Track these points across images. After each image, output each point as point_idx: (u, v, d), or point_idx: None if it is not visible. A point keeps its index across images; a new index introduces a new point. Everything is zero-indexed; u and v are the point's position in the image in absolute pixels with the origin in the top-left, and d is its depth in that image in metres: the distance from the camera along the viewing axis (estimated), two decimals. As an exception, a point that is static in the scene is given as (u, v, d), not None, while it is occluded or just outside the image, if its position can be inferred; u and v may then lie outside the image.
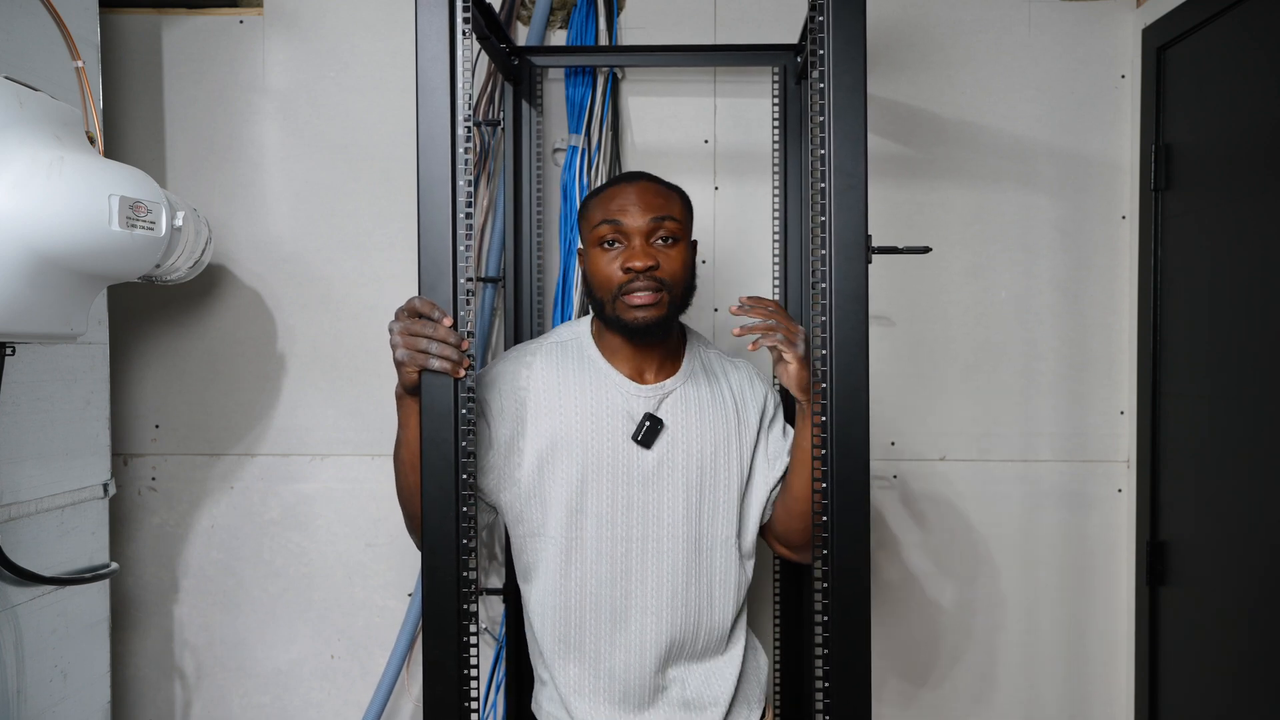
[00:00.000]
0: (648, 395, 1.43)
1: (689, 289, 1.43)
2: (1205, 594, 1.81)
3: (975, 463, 2.07)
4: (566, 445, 1.40)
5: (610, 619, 1.39)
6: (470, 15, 1.25)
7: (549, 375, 1.44)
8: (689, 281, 1.43)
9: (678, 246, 1.40)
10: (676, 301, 1.40)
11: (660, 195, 1.41)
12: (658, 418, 1.41)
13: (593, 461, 1.39)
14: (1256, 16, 1.65)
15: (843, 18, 1.19)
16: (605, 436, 1.40)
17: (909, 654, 2.08)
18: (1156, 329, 1.96)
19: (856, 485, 1.21)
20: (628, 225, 1.38)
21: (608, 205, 1.41)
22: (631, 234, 1.38)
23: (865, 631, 1.21)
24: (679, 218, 1.41)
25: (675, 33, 2.05)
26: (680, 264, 1.40)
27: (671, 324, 1.42)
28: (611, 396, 1.42)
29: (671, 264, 1.39)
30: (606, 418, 1.41)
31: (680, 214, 1.42)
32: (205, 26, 2.07)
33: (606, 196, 1.42)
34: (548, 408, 1.42)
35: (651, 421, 1.40)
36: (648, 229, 1.38)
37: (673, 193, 1.44)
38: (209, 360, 2.08)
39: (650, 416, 1.41)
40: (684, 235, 1.42)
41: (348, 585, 2.09)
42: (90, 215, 1.36)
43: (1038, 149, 2.05)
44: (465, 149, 1.24)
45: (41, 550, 1.65)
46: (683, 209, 1.44)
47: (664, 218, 1.39)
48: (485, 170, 2.03)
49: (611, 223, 1.38)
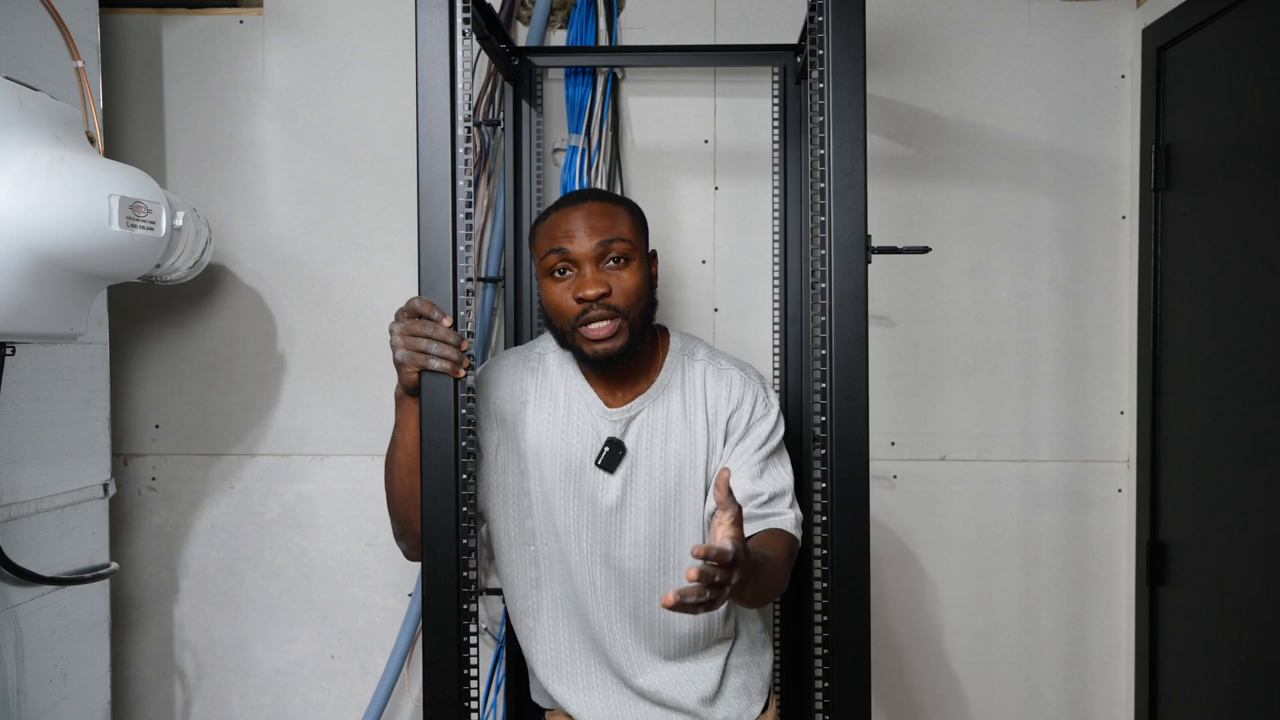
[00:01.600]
0: (614, 419, 1.42)
1: (649, 306, 1.39)
2: (1205, 594, 1.81)
3: (975, 463, 2.07)
4: (536, 460, 1.41)
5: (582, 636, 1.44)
6: (470, 15, 1.25)
7: (530, 386, 1.45)
8: (648, 299, 1.39)
9: (630, 266, 1.36)
10: (636, 325, 1.37)
11: (606, 215, 1.36)
12: (620, 442, 1.40)
13: (561, 479, 1.40)
14: (1256, 16, 1.65)
15: (842, 17, 1.19)
16: (575, 455, 1.41)
17: (908, 653, 2.08)
18: (1156, 329, 1.96)
19: (856, 485, 1.21)
20: (575, 252, 1.34)
21: (553, 232, 1.36)
22: (580, 260, 1.34)
23: (865, 631, 1.21)
24: (628, 237, 1.36)
25: (675, 33, 2.05)
26: (635, 284, 1.35)
27: (636, 347, 1.38)
28: (584, 416, 1.42)
29: (625, 286, 1.34)
30: (577, 437, 1.41)
31: (630, 231, 1.37)
32: (205, 26, 2.07)
33: (551, 224, 1.38)
34: (530, 420, 1.43)
35: (612, 446, 1.40)
36: (596, 253, 1.34)
37: (620, 209, 1.39)
38: (209, 360, 2.08)
39: (612, 441, 1.40)
40: (637, 253, 1.37)
41: (348, 585, 2.09)
42: (90, 215, 1.36)
43: (1038, 149, 2.05)
44: (465, 149, 1.24)
45: (41, 550, 1.65)
46: (632, 225, 1.39)
47: (611, 240, 1.34)
48: (485, 170, 2.03)
49: (558, 251, 1.34)
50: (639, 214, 1.43)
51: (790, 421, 1.87)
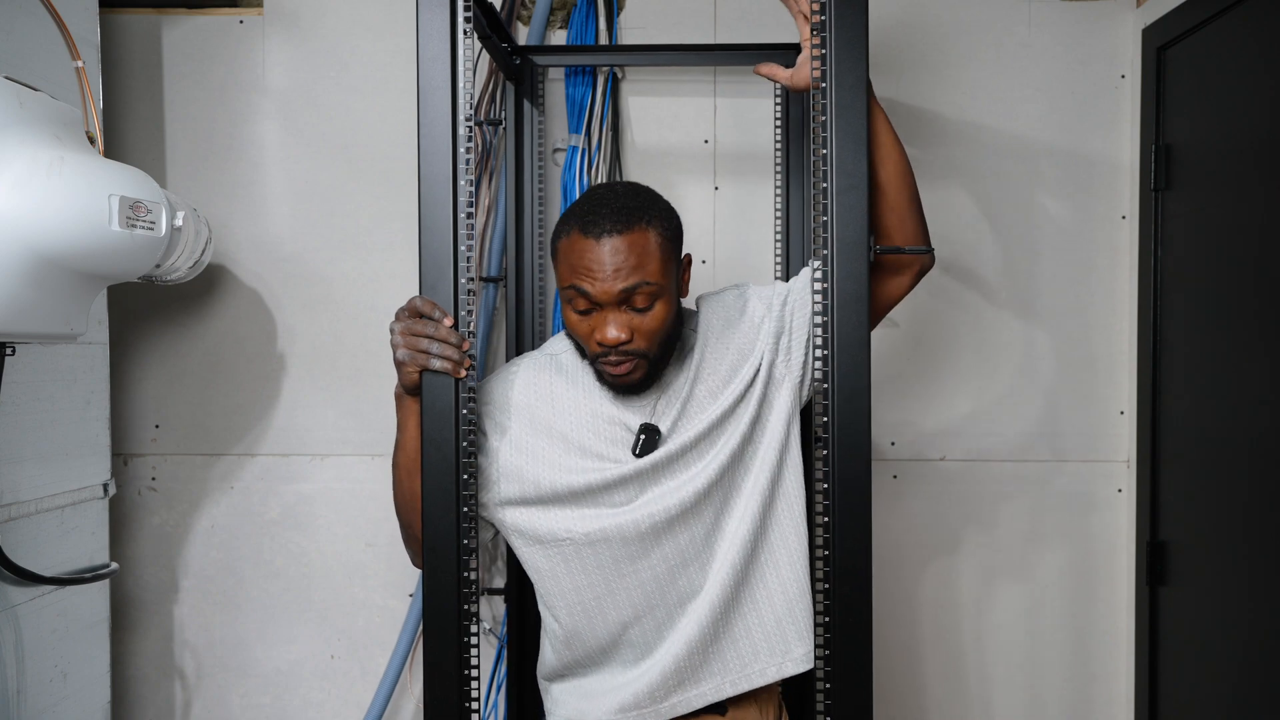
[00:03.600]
0: (643, 404, 1.35)
1: (673, 334, 1.32)
2: (1205, 594, 1.81)
3: (975, 463, 2.07)
4: (565, 456, 1.34)
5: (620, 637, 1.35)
6: (471, 15, 1.25)
7: (541, 384, 1.39)
8: (673, 329, 1.31)
9: (656, 305, 1.27)
10: (657, 356, 1.30)
11: (633, 252, 1.24)
12: (654, 426, 1.33)
13: (594, 472, 1.32)
14: (1256, 16, 1.65)
15: (844, 17, 1.19)
16: (604, 448, 1.34)
17: (909, 653, 2.08)
18: (1156, 329, 1.96)
19: (857, 485, 1.21)
20: (596, 294, 1.25)
21: (574, 264, 1.26)
22: (600, 301, 1.25)
23: (866, 631, 1.21)
24: (654, 278, 1.25)
25: (675, 32, 2.05)
26: (659, 324, 1.27)
27: (658, 373, 1.33)
28: (606, 407, 1.35)
29: (648, 329, 1.27)
30: (605, 427, 1.35)
31: (658, 268, 1.25)
32: (205, 26, 2.06)
33: (573, 253, 1.26)
34: (544, 418, 1.36)
35: (647, 434, 1.33)
36: (618, 297, 1.25)
37: (647, 237, 1.25)
38: (209, 360, 2.08)
39: (647, 427, 1.33)
40: (665, 288, 1.27)
41: (348, 585, 2.09)
42: (90, 215, 1.36)
43: (1038, 149, 2.05)
44: (466, 149, 1.24)
45: (41, 550, 1.65)
46: (661, 258, 1.26)
47: (636, 286, 1.24)
48: (486, 170, 2.03)
49: (578, 290, 1.26)
50: (670, 229, 1.30)
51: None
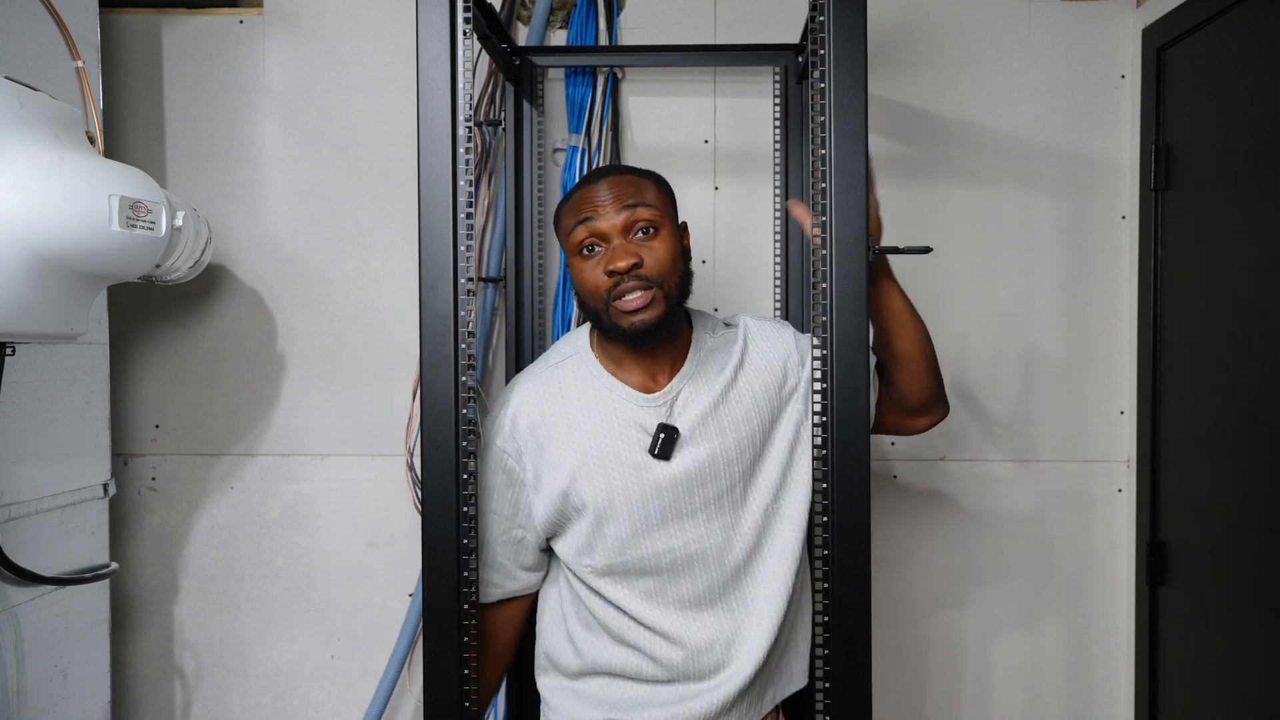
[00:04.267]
0: (657, 404, 1.34)
1: (685, 277, 1.34)
2: (1205, 594, 1.81)
3: (975, 462, 2.07)
4: (586, 472, 1.33)
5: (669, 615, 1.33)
6: (471, 15, 1.25)
7: (549, 406, 1.36)
8: (683, 269, 1.34)
9: (660, 235, 1.31)
10: (673, 295, 1.31)
11: (630, 184, 1.32)
12: (672, 426, 1.32)
13: (619, 482, 1.32)
14: (1256, 16, 1.65)
15: (844, 17, 1.19)
16: (625, 454, 1.32)
17: (908, 653, 2.08)
18: (1156, 329, 1.96)
19: (857, 485, 1.21)
20: (601, 225, 1.30)
21: (578, 208, 1.32)
22: (608, 234, 1.30)
23: (866, 631, 1.21)
24: (654, 203, 1.31)
25: (675, 33, 2.05)
26: (667, 253, 1.30)
27: (675, 320, 1.33)
28: (621, 410, 1.34)
29: (657, 256, 1.30)
30: (622, 435, 1.33)
31: (656, 199, 1.32)
32: (205, 26, 2.06)
33: (576, 201, 1.33)
34: (559, 439, 1.34)
35: (666, 433, 1.32)
36: (624, 224, 1.29)
37: (644, 179, 1.35)
38: (209, 360, 2.08)
39: (664, 427, 1.32)
40: (666, 221, 1.32)
41: (348, 585, 2.09)
42: (90, 215, 1.36)
43: (1038, 149, 2.05)
44: (465, 149, 1.24)
45: (41, 550, 1.65)
46: (658, 193, 1.34)
47: (637, 205, 1.30)
48: (486, 170, 2.03)
49: (585, 222, 1.30)
50: (665, 185, 1.38)
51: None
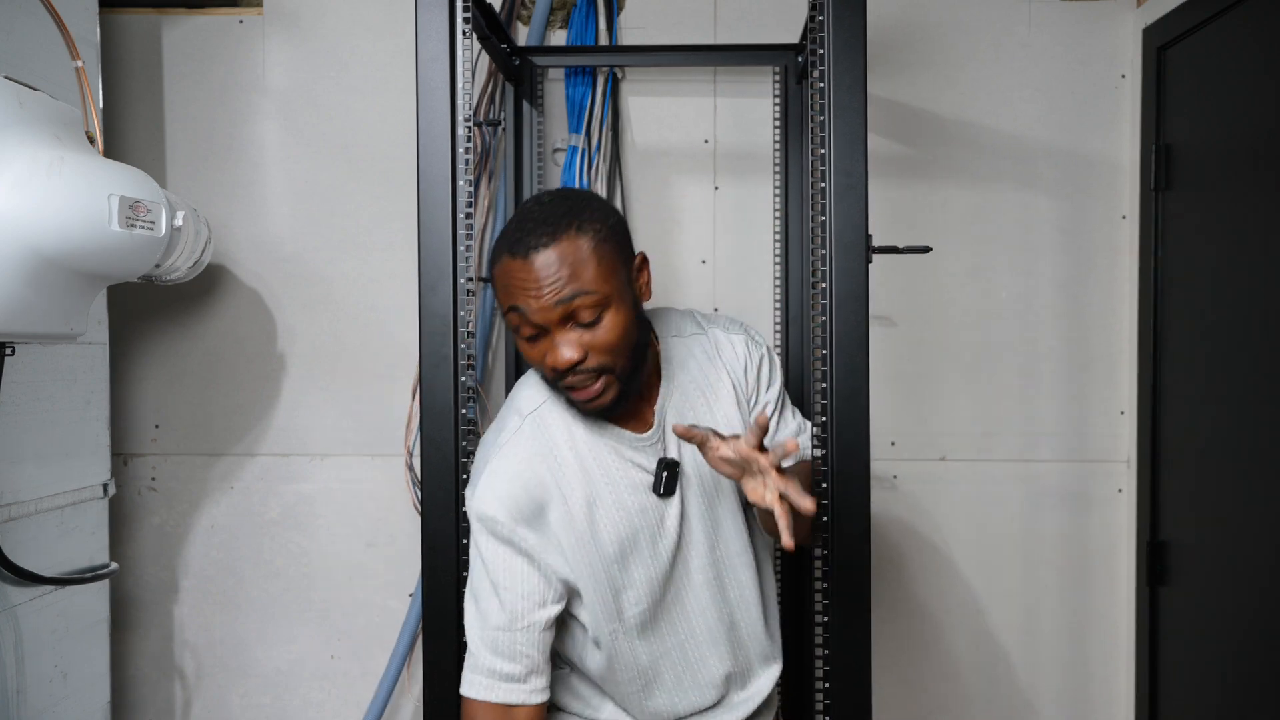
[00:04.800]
0: (652, 441, 1.24)
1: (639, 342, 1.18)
2: (1205, 594, 1.81)
3: (975, 463, 2.07)
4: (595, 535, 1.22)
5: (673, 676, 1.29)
6: (470, 15, 1.25)
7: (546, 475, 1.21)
8: (635, 336, 1.17)
9: (606, 314, 1.13)
10: (627, 369, 1.17)
11: (564, 263, 1.10)
12: (673, 461, 1.24)
13: (628, 533, 1.22)
14: (1256, 16, 1.65)
15: (843, 17, 1.19)
16: (629, 501, 1.22)
17: (909, 653, 2.08)
18: (1156, 329, 1.96)
19: (857, 485, 1.21)
20: (535, 318, 1.12)
21: (508, 290, 1.14)
22: (544, 325, 1.12)
23: (866, 631, 1.21)
24: (593, 286, 1.11)
25: (675, 33, 2.05)
26: (615, 336, 1.13)
27: (633, 387, 1.19)
28: (618, 458, 1.23)
29: (603, 342, 1.13)
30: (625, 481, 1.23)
31: (595, 275, 1.11)
32: (205, 26, 2.06)
33: (504, 279, 1.14)
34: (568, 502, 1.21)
35: (669, 469, 1.23)
36: (560, 316, 1.11)
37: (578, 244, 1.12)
38: (209, 360, 2.08)
39: (665, 463, 1.23)
40: (611, 295, 1.13)
41: (348, 585, 2.09)
42: (90, 215, 1.36)
43: (1038, 149, 2.05)
44: (465, 149, 1.24)
45: (41, 550, 1.65)
46: (599, 263, 1.12)
47: (574, 296, 1.10)
48: (486, 170, 2.03)
49: (515, 310, 1.13)
50: (607, 230, 1.15)
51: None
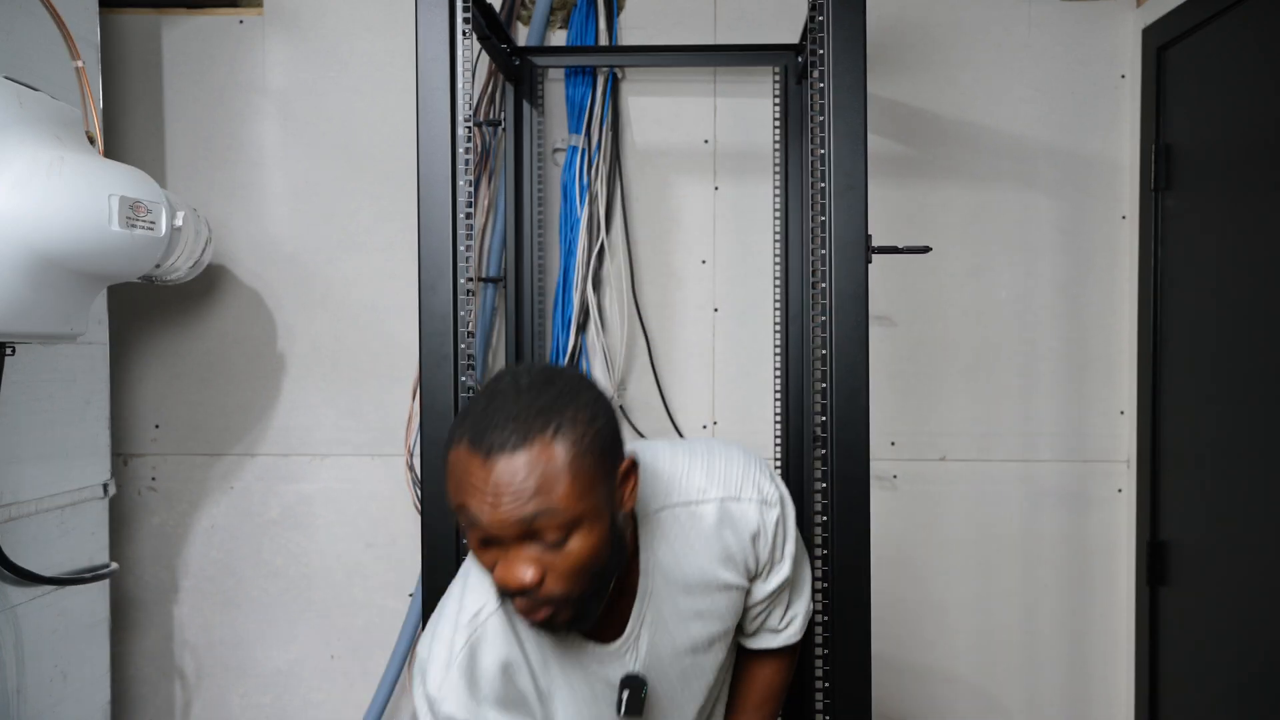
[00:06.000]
0: (620, 651, 1.09)
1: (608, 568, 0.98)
2: (1205, 594, 1.81)
3: (975, 463, 2.07)
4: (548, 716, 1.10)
5: None
6: (470, 15, 1.25)
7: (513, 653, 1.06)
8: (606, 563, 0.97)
9: (575, 535, 0.93)
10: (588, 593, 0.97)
11: (534, 476, 0.90)
12: (637, 677, 1.10)
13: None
14: (1256, 16, 1.65)
15: (843, 18, 1.19)
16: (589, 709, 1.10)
17: (909, 653, 2.08)
18: (1156, 329, 1.96)
19: (857, 485, 1.21)
20: (489, 527, 0.92)
21: (461, 483, 0.93)
22: (500, 539, 0.93)
23: (866, 631, 1.21)
24: (562, 506, 0.91)
25: (675, 33, 2.05)
26: (584, 558, 0.94)
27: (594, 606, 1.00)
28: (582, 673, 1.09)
29: (565, 566, 0.94)
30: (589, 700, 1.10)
31: (566, 495, 0.91)
32: (205, 26, 2.06)
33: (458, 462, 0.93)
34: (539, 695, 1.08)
35: (632, 688, 1.09)
36: (517, 530, 0.92)
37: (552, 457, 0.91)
38: (209, 360, 2.08)
39: (628, 681, 1.10)
40: (584, 516, 0.93)
41: (348, 585, 2.09)
42: (90, 215, 1.36)
43: (1038, 149, 2.05)
44: (465, 149, 1.24)
45: (41, 550, 1.65)
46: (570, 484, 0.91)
47: (537, 515, 0.91)
48: (486, 170, 2.03)
49: (469, 517, 0.93)
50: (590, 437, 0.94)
51: (791, 422, 1.87)
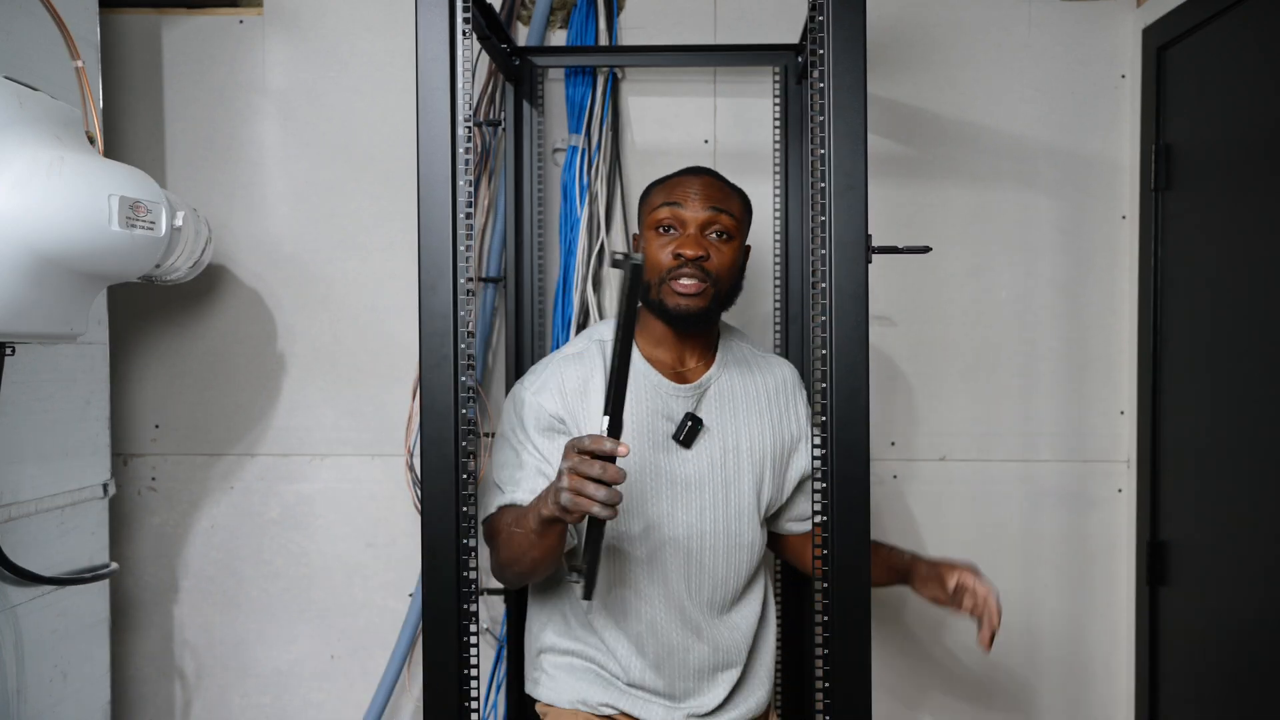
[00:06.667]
0: (685, 394, 1.47)
1: (735, 288, 1.48)
2: (1205, 594, 1.81)
3: (975, 463, 2.07)
4: None
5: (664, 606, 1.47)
6: (470, 15, 1.25)
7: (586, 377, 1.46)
8: (736, 281, 1.47)
9: (731, 244, 1.45)
10: (721, 296, 1.45)
11: (721, 191, 1.46)
12: (698, 417, 1.46)
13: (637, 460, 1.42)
14: (1256, 16, 1.65)
15: (843, 17, 1.19)
16: (648, 434, 1.45)
17: (908, 654, 2.08)
18: (1156, 329, 1.96)
19: (856, 485, 1.21)
20: (685, 214, 1.43)
21: (670, 190, 1.46)
22: (687, 222, 1.43)
23: (865, 632, 1.21)
24: (736, 215, 1.46)
25: (675, 33, 2.05)
26: (730, 260, 1.44)
27: (713, 317, 1.48)
28: (651, 398, 1.46)
29: (722, 258, 1.43)
30: (648, 416, 1.45)
31: (738, 212, 1.47)
32: (205, 26, 2.06)
33: (671, 184, 1.48)
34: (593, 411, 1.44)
35: (693, 421, 1.45)
36: (704, 220, 1.43)
37: (734, 193, 1.49)
38: (209, 360, 2.08)
39: (691, 416, 1.45)
40: (738, 234, 1.47)
41: (348, 585, 2.09)
42: (90, 215, 1.36)
43: (1038, 149, 2.05)
44: (465, 149, 1.24)
45: (41, 550, 1.65)
46: (741, 209, 1.48)
47: (721, 210, 1.43)
48: (486, 170, 2.03)
49: (671, 205, 1.44)
50: (748, 204, 1.52)
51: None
